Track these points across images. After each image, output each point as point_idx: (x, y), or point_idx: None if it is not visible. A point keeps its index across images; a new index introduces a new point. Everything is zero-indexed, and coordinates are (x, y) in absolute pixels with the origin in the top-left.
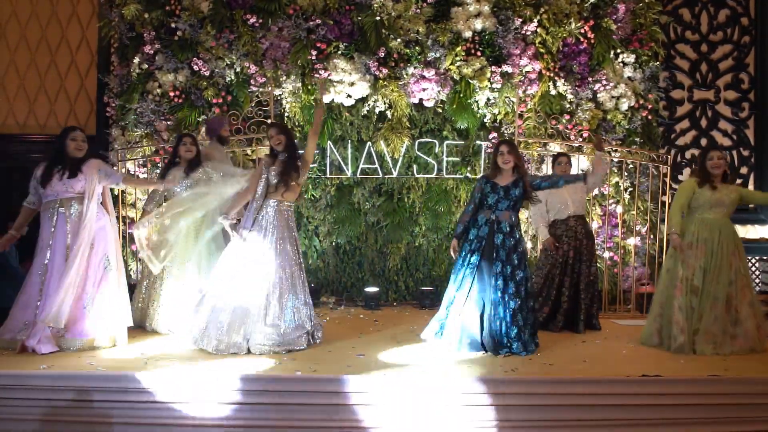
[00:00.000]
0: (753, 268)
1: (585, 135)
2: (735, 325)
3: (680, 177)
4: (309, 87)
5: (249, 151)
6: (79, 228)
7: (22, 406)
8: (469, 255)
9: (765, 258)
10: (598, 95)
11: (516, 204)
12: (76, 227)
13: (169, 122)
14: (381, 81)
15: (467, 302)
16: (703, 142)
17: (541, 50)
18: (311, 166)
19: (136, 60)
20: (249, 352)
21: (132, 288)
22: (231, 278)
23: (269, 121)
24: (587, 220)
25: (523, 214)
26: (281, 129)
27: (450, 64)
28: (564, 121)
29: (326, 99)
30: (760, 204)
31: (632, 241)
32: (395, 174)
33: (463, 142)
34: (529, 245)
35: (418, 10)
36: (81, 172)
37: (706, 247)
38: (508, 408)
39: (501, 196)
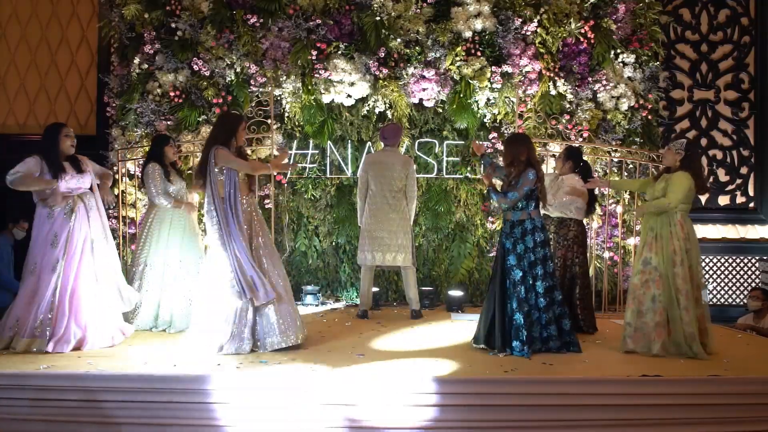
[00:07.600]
0: (753, 268)
1: (585, 135)
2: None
3: None
4: (309, 87)
5: (249, 151)
6: (92, 223)
7: (22, 406)
8: (500, 259)
9: (765, 258)
10: (598, 95)
11: (531, 198)
12: (91, 223)
13: (169, 122)
14: (381, 81)
15: (497, 308)
16: (704, 142)
17: (541, 50)
18: (311, 166)
19: (136, 60)
20: (253, 351)
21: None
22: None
23: (269, 121)
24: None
25: None
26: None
27: (450, 64)
28: (564, 121)
29: (326, 99)
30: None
31: (632, 241)
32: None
33: (462, 142)
34: None
35: (418, 10)
36: (86, 165)
37: (655, 240)
38: (508, 408)
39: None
